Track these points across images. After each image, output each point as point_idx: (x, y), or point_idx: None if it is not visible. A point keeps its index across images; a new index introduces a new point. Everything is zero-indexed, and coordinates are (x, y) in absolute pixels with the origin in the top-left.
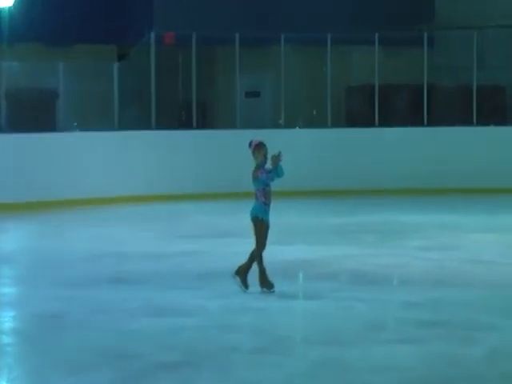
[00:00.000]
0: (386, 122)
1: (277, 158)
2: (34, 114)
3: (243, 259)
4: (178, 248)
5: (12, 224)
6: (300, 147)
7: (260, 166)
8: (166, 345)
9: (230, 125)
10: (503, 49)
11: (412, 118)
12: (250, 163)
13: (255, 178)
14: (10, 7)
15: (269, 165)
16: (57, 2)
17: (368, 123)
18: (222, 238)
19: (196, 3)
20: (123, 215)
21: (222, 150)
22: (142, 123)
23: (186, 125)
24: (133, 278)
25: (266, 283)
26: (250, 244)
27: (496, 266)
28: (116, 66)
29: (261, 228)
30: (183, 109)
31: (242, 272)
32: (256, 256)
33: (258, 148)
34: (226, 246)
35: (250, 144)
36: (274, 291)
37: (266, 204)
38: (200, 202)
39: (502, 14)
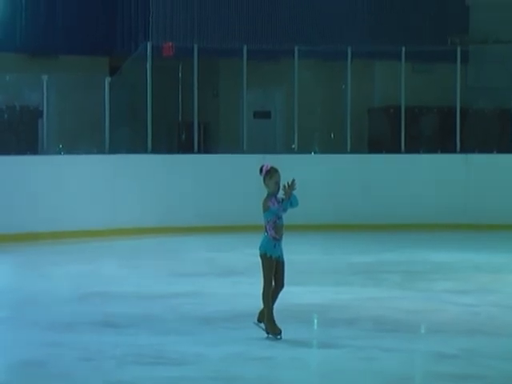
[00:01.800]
0: (413, 148)
1: (290, 187)
2: (14, 133)
3: (250, 301)
4: (174, 288)
5: None
6: (315, 175)
7: (271, 195)
8: None
9: (236, 149)
10: None
11: (443, 143)
12: (260, 192)
13: (266, 209)
14: None
15: (281, 194)
16: (41, 7)
17: (393, 149)
18: (225, 276)
19: (198, 11)
20: (114, 250)
21: (227, 177)
22: (136, 146)
23: (186, 148)
24: (123, 321)
25: (272, 328)
26: (258, 284)
27: None
28: (107, 80)
29: (269, 266)
30: (183, 130)
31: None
32: (263, 296)
33: (270, 174)
34: (229, 286)
35: (261, 170)
36: (280, 338)
37: (276, 239)
38: (201, 236)
39: None
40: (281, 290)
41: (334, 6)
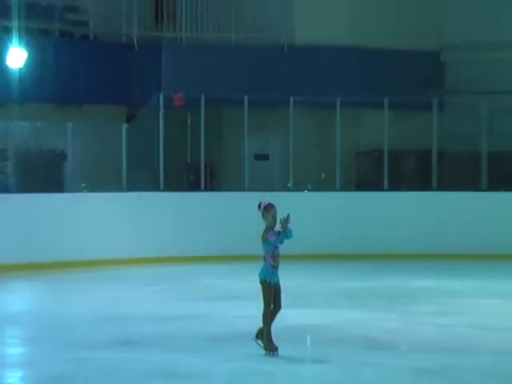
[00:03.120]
0: (395, 186)
1: (286, 221)
2: (42, 174)
3: (252, 322)
4: (185, 310)
5: (19, 285)
6: (309, 210)
7: (269, 228)
8: None
9: (239, 187)
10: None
11: (421, 182)
12: (259, 225)
13: (265, 240)
14: (20, 68)
15: (278, 227)
16: (66, 63)
17: (377, 187)
18: (230, 300)
19: (204, 65)
20: (131, 277)
21: (231, 212)
22: (150, 185)
23: (194, 187)
24: (139, 340)
25: (269, 346)
26: (258, 307)
27: (505, 332)
28: (124, 126)
29: (268, 291)
30: (191, 170)
31: (263, 335)
32: (264, 318)
33: (267, 209)
34: (233, 308)
35: (259, 206)
36: (277, 354)
37: (274, 267)
38: (208, 264)
39: (510, 80)
40: (278, 311)
41: (325, 60)
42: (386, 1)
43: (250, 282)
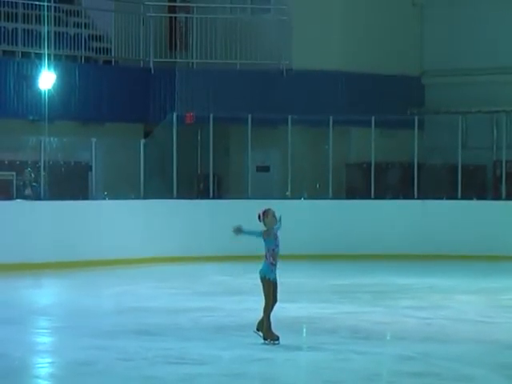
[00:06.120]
0: (380, 194)
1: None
2: (70, 183)
3: (253, 314)
4: (195, 304)
5: (49, 280)
6: (305, 216)
7: (270, 228)
8: None
9: (243, 195)
10: (484, 132)
11: (404, 191)
12: (260, 229)
13: (265, 238)
14: (49, 89)
15: (275, 228)
16: (90, 85)
17: (365, 196)
18: (234, 295)
19: (213, 87)
20: (147, 274)
21: (235, 217)
22: (164, 193)
23: (203, 195)
24: (155, 329)
25: (269, 335)
26: (259, 301)
27: (479, 324)
28: (142, 142)
29: (268, 287)
30: (201, 180)
31: (263, 326)
32: (264, 311)
33: (266, 214)
34: (237, 302)
35: (259, 217)
36: (278, 343)
37: (273, 264)
38: (215, 263)
39: (482, 101)
40: (275, 304)
41: (319, 83)
42: (373, 32)
43: (251, 279)
